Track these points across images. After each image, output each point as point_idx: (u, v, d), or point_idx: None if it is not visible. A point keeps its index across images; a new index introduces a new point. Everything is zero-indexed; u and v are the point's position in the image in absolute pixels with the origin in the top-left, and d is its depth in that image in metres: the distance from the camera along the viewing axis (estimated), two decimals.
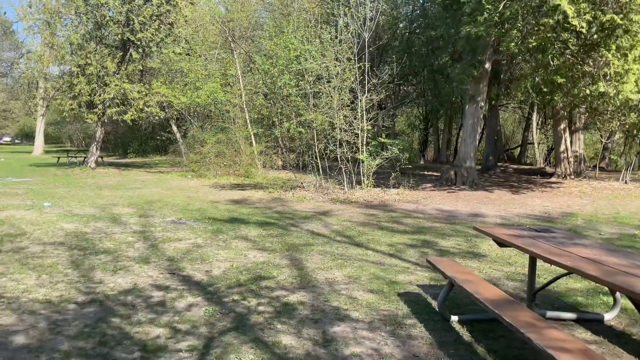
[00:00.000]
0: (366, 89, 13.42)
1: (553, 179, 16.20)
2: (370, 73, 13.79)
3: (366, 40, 13.54)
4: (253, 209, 10.32)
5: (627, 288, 2.70)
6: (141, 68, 20.39)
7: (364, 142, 13.27)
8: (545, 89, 12.64)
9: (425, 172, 19.75)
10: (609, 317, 4.18)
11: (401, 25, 24.56)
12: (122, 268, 5.49)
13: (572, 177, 15.97)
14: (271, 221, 8.78)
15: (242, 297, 4.57)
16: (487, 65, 14.43)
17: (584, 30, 10.36)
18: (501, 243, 4.26)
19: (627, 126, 14.91)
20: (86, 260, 5.82)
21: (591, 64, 11.20)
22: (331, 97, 12.96)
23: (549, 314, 4.16)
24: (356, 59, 13.11)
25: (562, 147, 16.20)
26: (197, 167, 17.84)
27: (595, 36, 10.80)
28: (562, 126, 16.14)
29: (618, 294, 4.20)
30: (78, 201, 10.75)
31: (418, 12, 24.06)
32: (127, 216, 8.94)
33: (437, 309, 4.24)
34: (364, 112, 13.30)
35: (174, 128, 25.00)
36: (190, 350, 3.43)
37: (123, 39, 18.99)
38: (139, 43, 19.13)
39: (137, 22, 18.48)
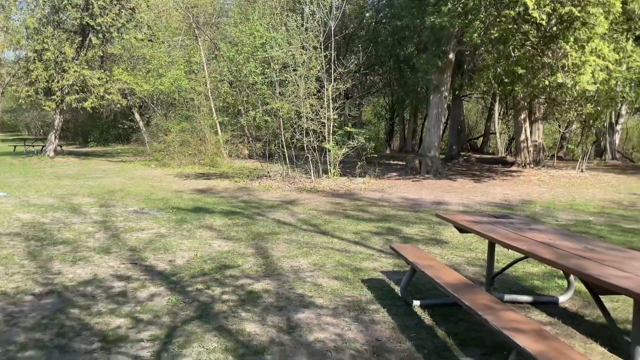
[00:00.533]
0: (332, 78, 13.41)
1: (513, 168, 16.65)
2: (336, 62, 13.78)
3: (332, 28, 13.51)
4: (218, 198, 10.21)
5: (579, 270, 2.81)
6: (101, 54, 19.76)
7: (331, 131, 13.29)
8: (506, 80, 12.93)
9: (391, 162, 19.97)
10: (563, 299, 4.34)
11: (367, 14, 24.60)
12: (81, 259, 5.36)
13: (532, 166, 16.45)
14: (237, 210, 8.72)
15: (206, 286, 4.53)
16: (451, 56, 14.64)
17: (543, 22, 10.63)
18: (462, 229, 4.36)
19: (583, 116, 15.43)
20: (44, 251, 5.65)
21: (550, 55, 11.51)
22: (297, 85, 12.90)
23: (507, 297, 4.29)
24: (322, 47, 13.07)
25: (522, 137, 16.64)
26: (160, 156, 17.50)
27: (554, 28, 11.09)
28: (523, 116, 16.56)
29: (572, 277, 4.37)
30: (35, 191, 10.40)
31: (384, 1, 24.12)
32: (88, 206, 8.71)
33: (400, 294, 4.31)
34: (331, 101, 13.30)
35: (137, 116, 24.42)
36: (152, 340, 3.39)
37: (82, 23, 18.34)
38: (98, 28, 18.52)
39: (97, 6, 17.86)
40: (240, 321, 3.76)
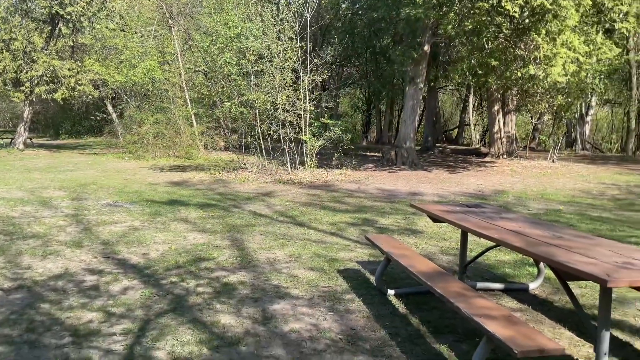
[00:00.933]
0: (309, 69, 13.36)
1: (487, 159, 16.91)
2: (312, 53, 13.73)
3: (308, 19, 13.44)
4: (194, 190, 10.11)
5: (547, 257, 2.88)
6: (72, 44, 19.28)
7: (307, 123, 13.26)
8: (480, 72, 13.09)
9: (368, 153, 20.06)
10: (533, 286, 4.45)
11: (344, 5, 24.51)
12: (52, 253, 5.25)
13: (505, 156, 16.73)
14: (212, 203, 8.65)
15: (180, 279, 4.50)
16: (426, 48, 14.72)
17: (516, 15, 10.77)
18: (435, 219, 4.42)
19: (554, 108, 15.74)
20: (13, 245, 5.51)
21: (523, 47, 11.69)
22: (273, 76, 12.82)
23: (479, 285, 4.38)
24: (298, 38, 13.00)
25: (496, 128, 16.90)
26: (134, 148, 17.20)
27: (526, 20, 11.25)
28: (496, 108, 16.80)
29: (542, 265, 4.47)
30: (4, 184, 10.13)
31: None
32: (59, 199, 8.53)
33: (375, 284, 4.35)
34: (307, 92, 13.26)
35: (110, 108, 23.93)
36: (125, 334, 3.35)
37: (51, 12, 17.83)
38: (68, 17, 18.03)
39: None
40: (215, 313, 3.74)
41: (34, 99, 19.37)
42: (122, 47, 19.68)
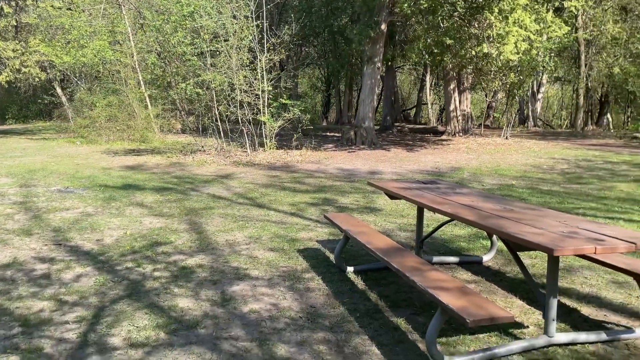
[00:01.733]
0: (265, 49, 13.16)
1: (444, 137, 17.23)
2: (269, 32, 13.51)
3: None
4: (149, 174, 9.87)
5: (498, 229, 2.96)
6: (15, 24, 18.31)
7: (266, 104, 13.11)
8: (435, 50, 13.23)
9: (328, 133, 20.07)
10: (486, 258, 4.59)
11: None
12: None
13: (461, 134, 17.09)
14: (169, 186, 8.47)
15: (136, 264, 4.40)
16: (383, 27, 14.74)
17: None
18: (392, 196, 4.47)
19: (508, 85, 16.14)
20: None
21: (477, 26, 11.87)
22: (229, 56, 12.56)
23: (435, 259, 4.48)
24: (254, 17, 12.75)
25: (452, 107, 17.20)
26: (86, 132, 16.58)
27: None
28: (452, 86, 17.08)
29: (494, 238, 4.62)
30: None
31: None
32: (6, 187, 8.15)
33: (334, 262, 4.39)
34: (265, 72, 13.08)
35: (59, 91, 22.91)
36: (78, 322, 3.26)
37: None
38: None
39: None
40: (173, 297, 3.69)
41: None
42: (70, 26, 18.78)
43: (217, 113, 13.17)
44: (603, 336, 3.04)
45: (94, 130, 16.38)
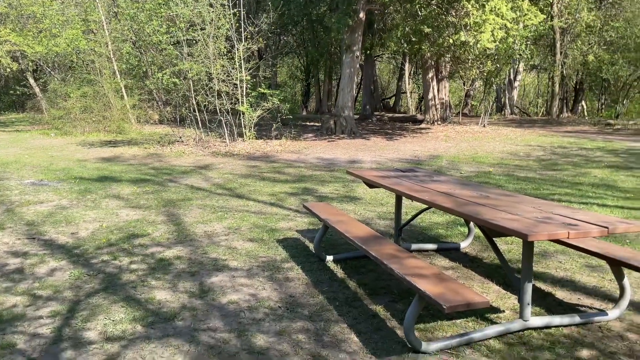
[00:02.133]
0: (243, 37, 13.00)
1: (423, 125, 17.34)
2: (247, 21, 13.34)
3: None
4: (126, 166, 9.72)
5: (474, 216, 2.99)
6: None
7: (244, 93, 12.98)
8: (414, 39, 13.25)
9: (308, 123, 20.01)
10: (464, 245, 4.64)
11: None
12: None
13: (439, 122, 17.22)
14: (147, 178, 8.35)
15: (112, 257, 4.33)
16: (362, 15, 14.68)
17: None
18: (371, 184, 4.48)
19: (485, 74, 16.28)
20: None
21: (454, 14, 11.91)
22: (206, 45, 12.38)
23: (414, 246, 4.51)
24: (231, 5, 12.57)
25: (431, 95, 17.29)
26: (61, 124, 16.22)
27: None
28: (430, 75, 17.16)
29: (472, 224, 4.67)
30: None
31: None
32: None
33: (314, 251, 4.39)
34: (243, 61, 12.93)
35: (31, 81, 22.34)
36: (53, 316, 3.20)
37: None
38: None
39: None
40: (150, 290, 3.64)
41: None
42: (41, 15, 18.30)
43: (194, 103, 13.00)
44: (577, 319, 3.11)
45: (68, 121, 16.03)
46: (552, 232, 2.61)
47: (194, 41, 12.66)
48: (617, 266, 3.18)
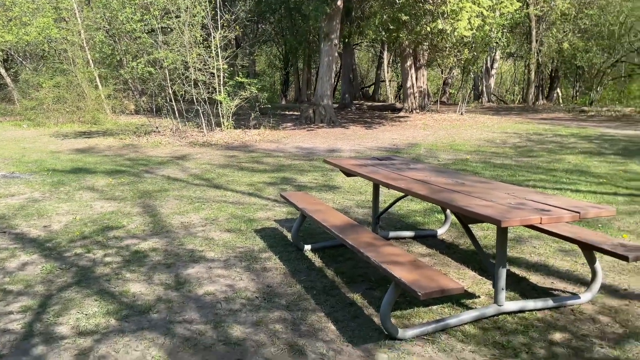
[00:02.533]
0: (219, 25, 12.81)
1: (402, 114, 17.39)
2: (223, 8, 13.15)
3: None
4: (101, 157, 9.54)
5: (449, 203, 3.00)
6: None
7: (221, 82, 12.82)
8: (392, 27, 13.23)
9: (287, 112, 19.90)
10: (441, 232, 4.68)
11: None
12: None
13: (418, 111, 17.29)
14: (122, 169, 8.21)
15: (86, 250, 4.25)
16: (339, 3, 14.59)
17: None
18: (348, 173, 4.47)
19: (462, 62, 16.38)
20: None
21: (431, 2, 11.91)
22: (182, 33, 12.17)
23: (392, 234, 4.53)
24: None
25: (409, 84, 17.34)
26: (33, 115, 15.83)
27: None
28: (409, 63, 17.18)
29: (448, 211, 4.70)
30: None
31: None
32: None
33: (292, 241, 4.37)
34: (219, 50, 12.75)
35: (2, 71, 21.72)
36: (23, 311, 3.12)
37: None
38: None
39: None
40: (125, 282, 3.58)
41: None
42: (10, 3, 17.74)
43: (171, 93, 12.80)
44: (550, 303, 3.16)
45: (41, 112, 15.66)
46: (525, 217, 2.63)
47: (169, 29, 12.43)
48: (589, 250, 3.23)
